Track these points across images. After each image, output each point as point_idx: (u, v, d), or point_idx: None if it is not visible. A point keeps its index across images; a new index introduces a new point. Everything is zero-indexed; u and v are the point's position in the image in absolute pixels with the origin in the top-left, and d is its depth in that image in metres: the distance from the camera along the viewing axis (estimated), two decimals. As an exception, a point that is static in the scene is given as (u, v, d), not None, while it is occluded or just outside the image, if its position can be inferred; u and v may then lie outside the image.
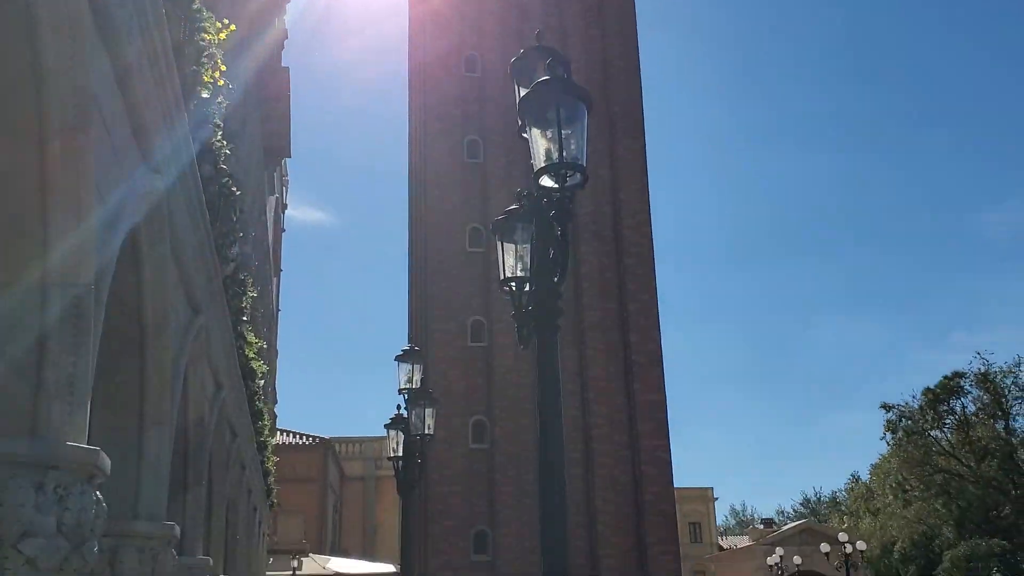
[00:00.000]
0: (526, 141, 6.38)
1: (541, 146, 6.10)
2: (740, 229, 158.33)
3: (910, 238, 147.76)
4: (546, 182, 6.15)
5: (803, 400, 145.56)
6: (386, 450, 13.52)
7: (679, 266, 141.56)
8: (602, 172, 22.46)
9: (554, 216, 6.22)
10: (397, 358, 13.50)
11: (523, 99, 6.37)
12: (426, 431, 12.91)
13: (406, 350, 13.69)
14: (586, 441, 19.94)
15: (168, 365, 5.96)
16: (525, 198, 6.73)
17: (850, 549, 40.53)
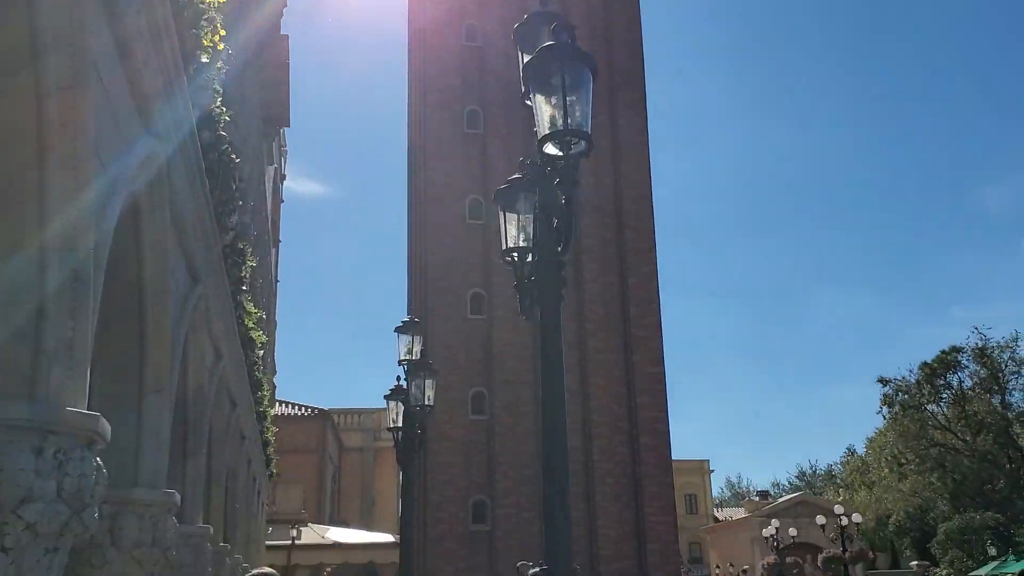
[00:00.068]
0: (527, 111, 6.28)
1: (545, 113, 5.99)
2: (740, 202, 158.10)
3: (911, 212, 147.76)
4: (550, 150, 6.05)
5: (800, 373, 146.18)
6: (385, 421, 13.55)
7: (678, 238, 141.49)
8: (603, 144, 22.32)
9: (558, 184, 6.14)
10: (397, 329, 13.47)
11: (527, 65, 6.26)
12: (426, 402, 12.92)
13: (406, 322, 13.66)
14: (585, 413, 19.98)
15: (168, 333, 5.91)
16: (528, 167, 6.64)
17: (846, 521, 40.79)
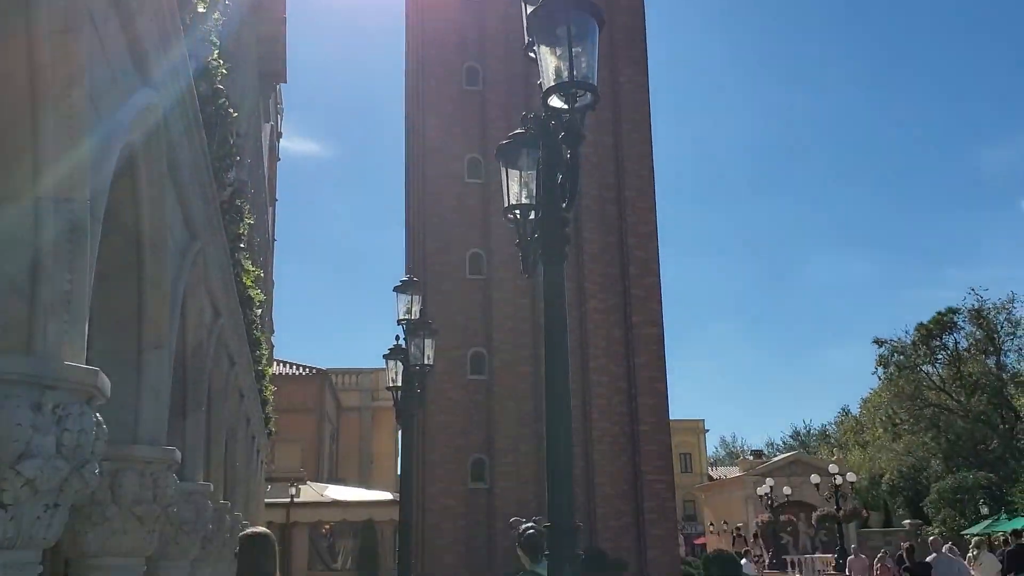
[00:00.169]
0: (527, 68, 6.16)
1: (550, 65, 5.85)
2: (736, 164, 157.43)
3: (908, 174, 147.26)
4: (555, 103, 5.92)
5: (795, 334, 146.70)
6: (382, 382, 13.56)
7: (674, 199, 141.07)
8: (603, 102, 22.08)
9: (563, 138, 6.01)
10: (396, 289, 13.40)
11: (531, 15, 6.10)
12: (426, 362, 12.89)
13: (405, 281, 13.58)
14: (584, 372, 20.00)
15: (166, 288, 5.83)
16: (531, 121, 6.51)
17: (840, 480, 41.13)
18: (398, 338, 13.36)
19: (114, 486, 5.39)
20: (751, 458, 72.26)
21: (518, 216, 6.77)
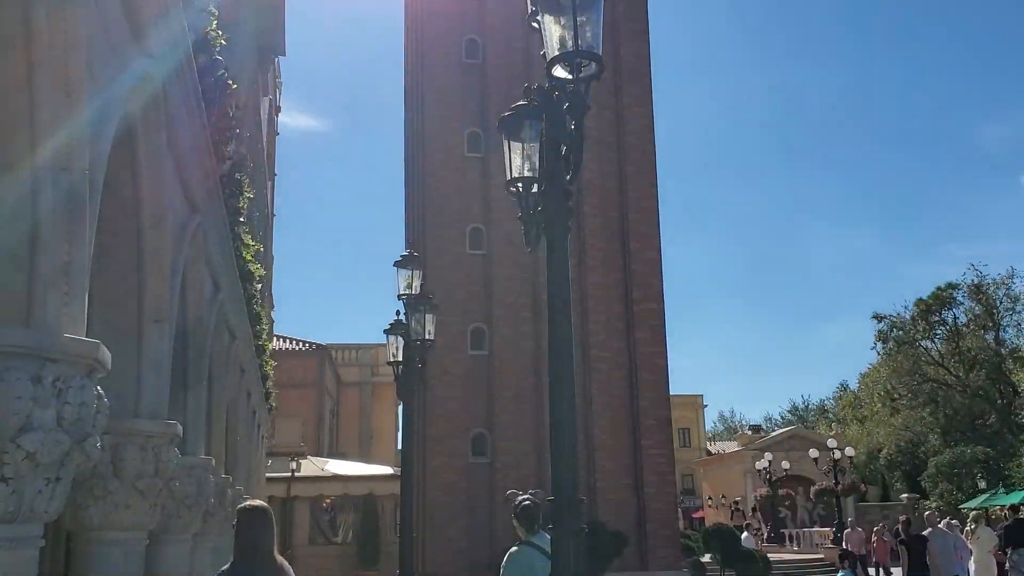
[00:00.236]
0: (527, 41, 6.11)
1: (554, 34, 5.76)
2: (736, 139, 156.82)
3: (908, 149, 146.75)
4: (559, 72, 5.83)
5: (793, 310, 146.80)
6: (382, 357, 13.55)
7: (673, 174, 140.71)
8: (604, 76, 21.93)
9: (568, 109, 5.92)
10: (396, 264, 13.33)
11: (536, -17, 6.00)
12: (426, 337, 12.84)
13: (405, 255, 13.51)
14: (584, 348, 19.99)
15: (167, 261, 5.77)
16: (534, 92, 6.42)
17: (839, 455, 41.29)
18: (398, 313, 13.31)
19: (116, 460, 5.37)
20: (749, 433, 72.54)
21: (520, 189, 6.68)
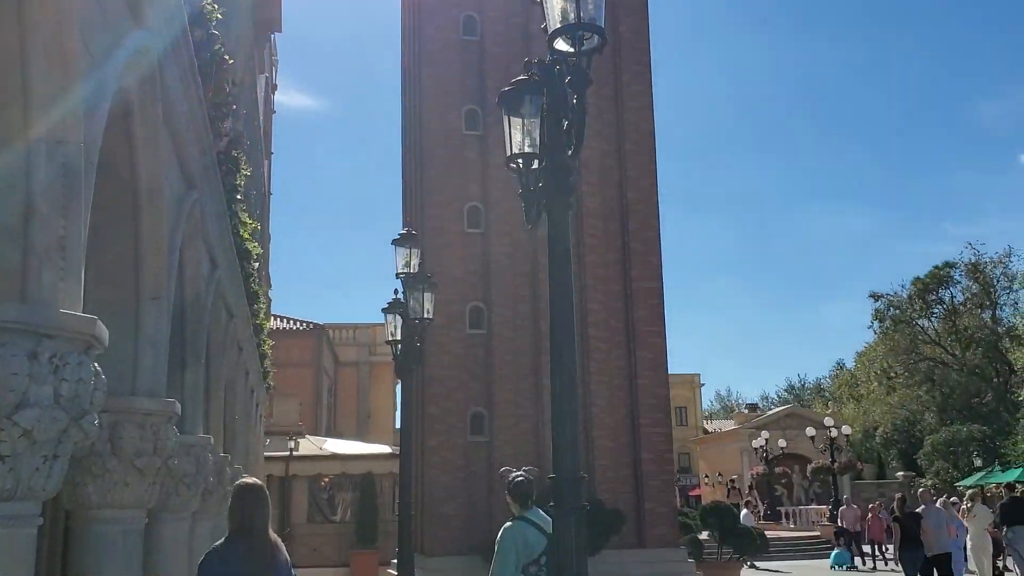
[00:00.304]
0: (525, 17, 5.98)
1: (556, 6, 5.68)
2: (731, 117, 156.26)
3: (906, 127, 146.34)
4: (561, 46, 5.76)
5: (790, 289, 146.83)
6: (380, 337, 13.53)
7: (671, 154, 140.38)
8: (603, 52, 21.76)
9: (570, 83, 5.84)
10: (394, 242, 13.26)
11: (538, -44, 5.91)
12: (425, 315, 12.79)
13: (403, 233, 13.45)
14: (583, 327, 19.97)
15: (164, 238, 5.71)
16: (534, 66, 6.34)
17: (835, 433, 41.47)
18: (396, 292, 13.26)
19: (114, 438, 5.32)
20: (746, 412, 72.80)
21: (520, 166, 6.61)
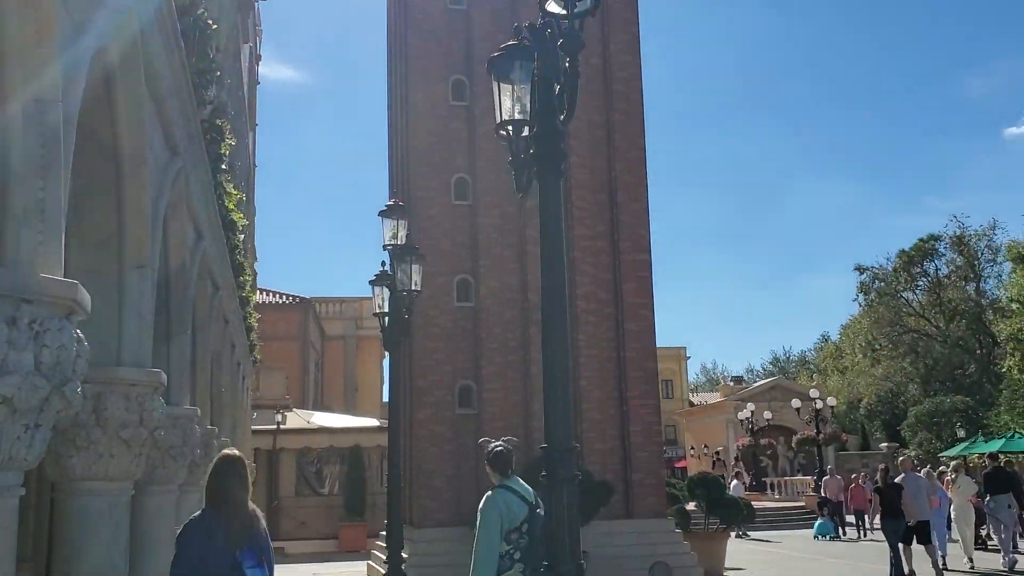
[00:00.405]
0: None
1: (548, -32, 5.56)
2: (716, 90, 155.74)
3: (890, 101, 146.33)
4: (553, 8, 5.64)
5: (776, 261, 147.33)
6: (367, 310, 13.45)
7: (656, 125, 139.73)
8: (591, 21, 21.53)
9: (562, 45, 5.72)
10: (381, 213, 13.13)
11: (528, -84, 5.77)
12: (413, 287, 12.69)
13: (390, 205, 13.32)
14: (571, 299, 19.86)
15: (147, 205, 5.57)
16: (526, 30, 6.21)
17: (820, 405, 41.80)
18: (384, 264, 13.14)
19: (98, 409, 5.22)
20: (732, 384, 73.18)
21: (511, 132, 6.48)
